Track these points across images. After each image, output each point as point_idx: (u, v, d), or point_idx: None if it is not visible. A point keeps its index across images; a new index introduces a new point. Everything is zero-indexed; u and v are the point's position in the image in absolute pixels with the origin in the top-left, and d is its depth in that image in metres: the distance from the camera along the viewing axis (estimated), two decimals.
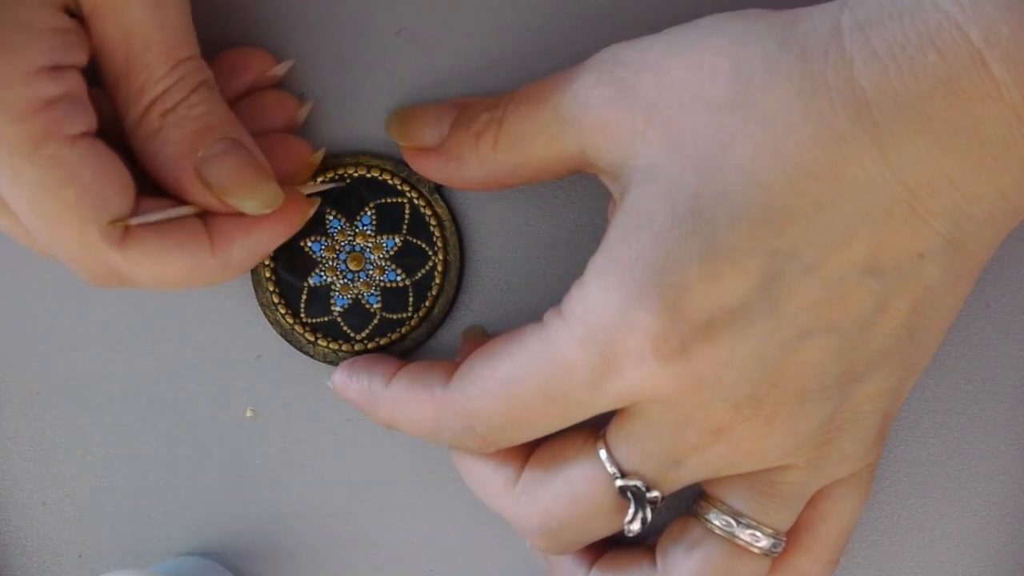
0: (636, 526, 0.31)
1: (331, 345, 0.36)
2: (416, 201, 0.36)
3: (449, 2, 0.36)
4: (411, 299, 0.36)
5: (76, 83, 0.30)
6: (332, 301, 0.36)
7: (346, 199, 0.36)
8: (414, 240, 0.36)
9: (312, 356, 0.36)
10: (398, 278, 0.36)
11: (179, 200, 0.32)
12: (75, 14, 0.30)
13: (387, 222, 0.36)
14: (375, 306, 0.36)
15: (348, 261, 0.36)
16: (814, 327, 0.29)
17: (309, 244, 0.36)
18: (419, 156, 0.34)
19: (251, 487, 0.37)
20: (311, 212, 0.34)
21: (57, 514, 0.38)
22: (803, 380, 0.30)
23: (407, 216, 0.36)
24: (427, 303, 0.36)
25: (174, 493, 0.37)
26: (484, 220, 0.37)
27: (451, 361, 0.33)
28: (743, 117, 0.29)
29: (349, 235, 0.36)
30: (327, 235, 0.36)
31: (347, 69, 0.36)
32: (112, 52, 0.30)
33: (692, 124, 0.29)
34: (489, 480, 0.33)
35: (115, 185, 0.30)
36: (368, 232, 0.36)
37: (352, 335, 0.36)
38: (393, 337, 0.36)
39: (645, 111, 0.30)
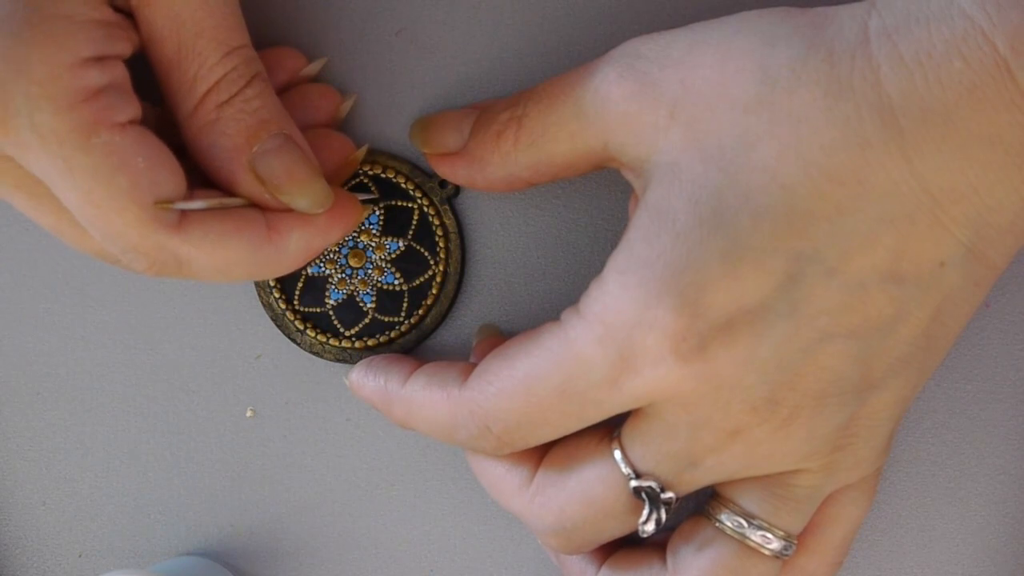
0: (650, 527, 0.31)
1: (319, 337, 0.36)
2: (426, 209, 0.36)
3: (449, 2, 0.36)
4: (405, 305, 0.36)
5: (121, 73, 0.30)
6: (327, 293, 0.36)
7: (357, 195, 0.36)
8: (417, 247, 0.36)
9: (299, 345, 0.36)
10: (395, 281, 0.36)
11: (229, 193, 0.32)
12: (120, 8, 0.30)
13: (394, 225, 0.36)
14: (368, 305, 0.36)
15: (349, 256, 0.36)
16: (834, 332, 0.29)
17: None
18: (443, 161, 0.34)
19: (251, 487, 0.37)
20: (364, 216, 0.35)
21: (57, 514, 0.38)
22: (822, 384, 0.30)
23: (415, 222, 0.36)
24: (420, 311, 0.36)
25: (174, 493, 0.37)
26: (485, 223, 0.37)
27: (467, 362, 0.33)
28: (768, 119, 0.29)
29: (354, 231, 0.36)
30: None
31: (347, 69, 0.36)
32: (163, 41, 0.30)
33: (717, 123, 0.29)
34: (503, 480, 0.33)
35: (167, 171, 0.30)
36: (373, 231, 0.36)
37: (341, 330, 0.36)
38: (382, 340, 0.36)
39: (669, 106, 0.30)
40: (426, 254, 0.36)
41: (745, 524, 0.32)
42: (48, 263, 0.37)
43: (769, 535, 0.31)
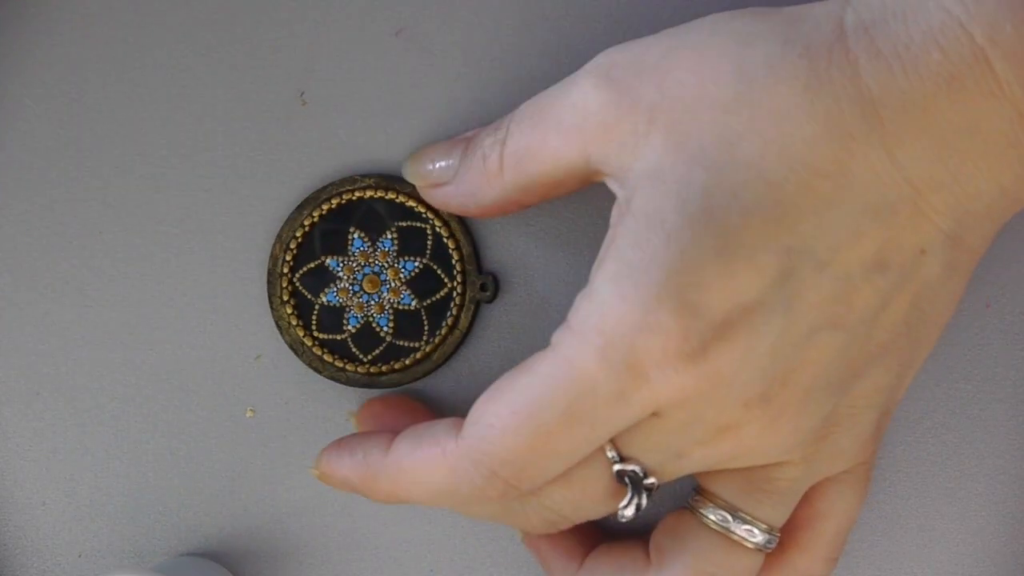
0: (630, 511, 0.31)
1: (336, 363, 0.36)
2: (439, 229, 0.36)
3: (449, 2, 0.36)
4: (425, 325, 0.36)
5: None
6: (345, 320, 0.36)
7: (370, 220, 0.36)
8: (433, 266, 0.36)
9: (321, 373, 0.36)
10: (412, 302, 0.36)
11: None
12: None
13: (409, 245, 0.36)
14: (385, 329, 0.36)
15: (364, 282, 0.36)
16: (822, 324, 0.29)
17: (328, 261, 0.36)
18: (435, 192, 0.34)
19: (251, 487, 0.37)
20: None
21: (57, 514, 0.38)
22: (811, 378, 0.30)
23: (430, 241, 0.36)
24: (442, 331, 0.36)
25: (174, 493, 0.37)
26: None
27: (455, 417, 0.32)
28: (748, 116, 0.29)
29: (370, 256, 0.36)
30: (348, 254, 0.36)
31: (347, 69, 0.36)
32: None
33: (697, 125, 0.29)
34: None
35: None
36: (390, 253, 0.36)
37: (360, 356, 0.36)
38: (407, 362, 0.36)
39: (647, 113, 0.30)
40: (440, 272, 0.36)
41: (729, 518, 0.32)
42: (48, 263, 0.37)
43: (753, 528, 0.32)
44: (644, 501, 0.31)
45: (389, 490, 0.32)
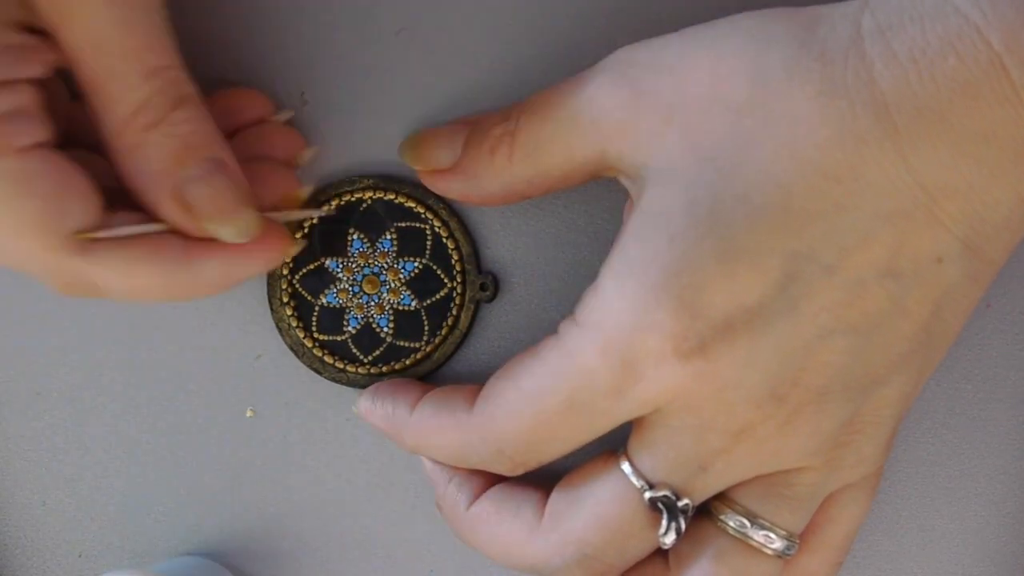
0: (671, 538, 0.31)
1: (337, 363, 0.36)
2: (438, 230, 0.36)
3: (449, 2, 0.36)
4: (425, 325, 0.36)
5: (27, 96, 0.29)
6: (345, 321, 0.36)
7: (369, 220, 0.36)
8: (433, 266, 0.36)
9: (322, 375, 0.36)
10: (412, 302, 0.36)
11: (154, 216, 0.31)
12: (35, 29, 0.29)
13: (409, 246, 0.36)
14: (386, 330, 0.36)
15: (364, 283, 0.36)
16: (834, 328, 0.29)
17: (328, 263, 0.36)
18: (436, 177, 0.34)
19: (251, 487, 0.37)
20: (295, 251, 0.34)
21: (57, 514, 0.38)
22: (824, 379, 0.30)
23: (429, 241, 0.36)
24: (443, 331, 0.36)
25: (174, 493, 0.37)
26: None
27: (473, 386, 0.33)
28: (762, 119, 0.29)
29: (370, 257, 0.36)
30: (347, 255, 0.36)
31: (347, 69, 0.36)
32: (82, 62, 0.30)
33: (711, 125, 0.29)
34: (511, 534, 0.33)
35: (75, 195, 0.29)
36: (389, 254, 0.36)
37: (360, 357, 0.36)
38: (407, 363, 0.36)
39: (664, 112, 0.30)
40: (440, 273, 0.36)
41: (747, 524, 0.31)
42: None
43: (771, 534, 0.31)
44: (683, 525, 0.31)
45: (412, 446, 0.34)
